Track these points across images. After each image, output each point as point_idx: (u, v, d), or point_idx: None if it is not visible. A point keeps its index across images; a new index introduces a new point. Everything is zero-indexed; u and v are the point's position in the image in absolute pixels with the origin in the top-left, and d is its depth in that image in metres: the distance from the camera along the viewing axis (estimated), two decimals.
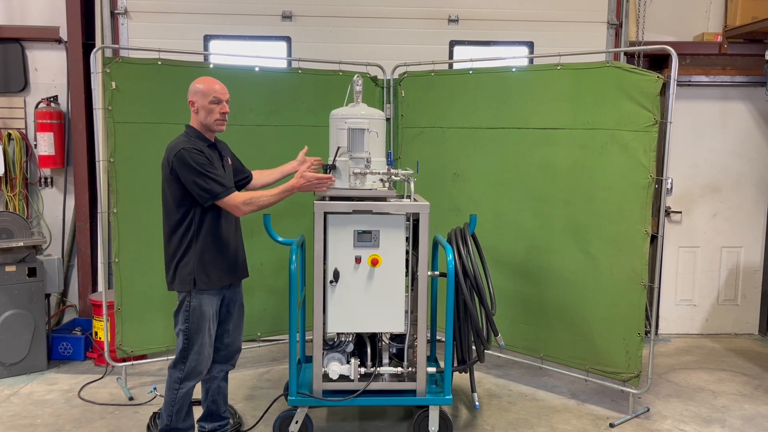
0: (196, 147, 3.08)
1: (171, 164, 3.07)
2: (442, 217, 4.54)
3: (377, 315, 3.45)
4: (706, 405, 4.24)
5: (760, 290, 5.77)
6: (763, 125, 5.61)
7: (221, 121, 3.19)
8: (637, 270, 3.90)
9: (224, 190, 3.07)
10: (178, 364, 3.20)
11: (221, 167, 3.22)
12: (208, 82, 3.18)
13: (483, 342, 3.59)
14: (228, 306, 3.36)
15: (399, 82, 4.85)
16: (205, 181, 3.03)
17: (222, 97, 3.17)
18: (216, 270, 3.19)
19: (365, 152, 3.46)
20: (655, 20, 5.52)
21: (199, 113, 3.16)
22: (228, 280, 3.27)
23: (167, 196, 3.17)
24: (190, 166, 3.02)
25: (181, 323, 3.18)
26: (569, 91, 4.12)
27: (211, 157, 3.14)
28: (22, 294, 4.61)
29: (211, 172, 3.05)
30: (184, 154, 3.03)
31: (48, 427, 3.78)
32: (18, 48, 5.26)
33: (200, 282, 3.14)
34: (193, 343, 3.16)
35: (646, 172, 3.81)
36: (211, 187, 3.04)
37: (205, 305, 3.17)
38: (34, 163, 5.33)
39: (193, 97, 3.16)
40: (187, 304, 3.15)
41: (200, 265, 3.14)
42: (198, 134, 3.19)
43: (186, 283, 3.14)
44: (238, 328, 3.46)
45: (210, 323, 3.20)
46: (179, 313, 3.19)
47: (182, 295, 3.18)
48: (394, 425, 3.86)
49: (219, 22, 5.27)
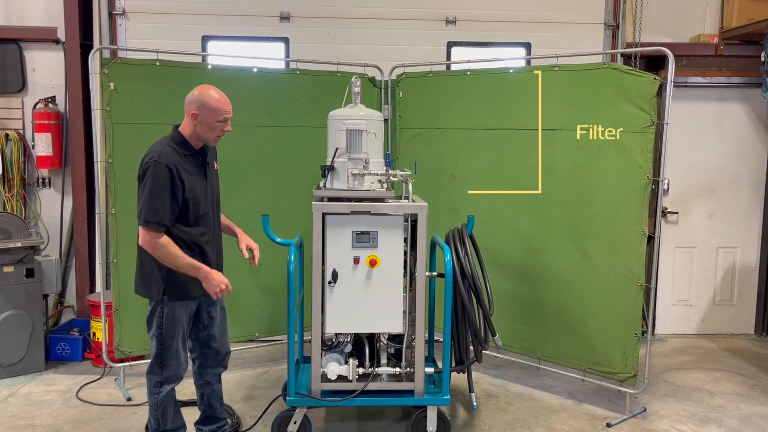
0: (171, 163, 2.94)
1: (140, 168, 2.99)
2: (440, 217, 4.55)
3: (375, 315, 3.46)
4: (702, 405, 4.26)
5: (756, 290, 5.79)
6: (760, 126, 5.64)
7: (220, 138, 3.12)
8: (633, 270, 3.92)
9: (154, 224, 2.91)
10: (154, 369, 3.13)
11: (201, 176, 3.10)
12: (221, 100, 3.04)
13: (481, 342, 3.60)
14: (209, 311, 3.29)
15: (397, 83, 4.86)
16: (150, 202, 2.90)
17: (229, 116, 3.08)
18: (187, 281, 3.05)
19: (363, 153, 3.47)
20: (652, 22, 5.54)
21: (200, 126, 3.04)
22: (200, 290, 3.10)
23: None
24: (150, 181, 2.91)
25: (154, 329, 3.09)
26: (566, 93, 4.13)
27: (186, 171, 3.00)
28: (20, 295, 4.60)
29: (162, 199, 2.91)
30: (152, 167, 2.92)
31: (46, 428, 3.78)
32: (16, 48, 5.26)
33: (170, 294, 3.05)
34: (168, 347, 3.09)
35: (643, 173, 3.83)
36: (149, 212, 2.90)
37: (178, 311, 3.08)
38: (31, 163, 5.33)
39: (198, 109, 3.02)
40: (160, 311, 3.07)
41: (169, 277, 3.03)
42: (183, 141, 3.07)
43: (155, 292, 3.05)
44: (224, 331, 3.40)
45: (184, 327, 3.14)
46: (152, 320, 3.10)
47: (154, 302, 3.10)
48: (392, 425, 3.86)
49: (217, 22, 5.27)
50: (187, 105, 3.06)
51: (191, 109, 3.04)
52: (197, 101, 3.03)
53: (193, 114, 3.03)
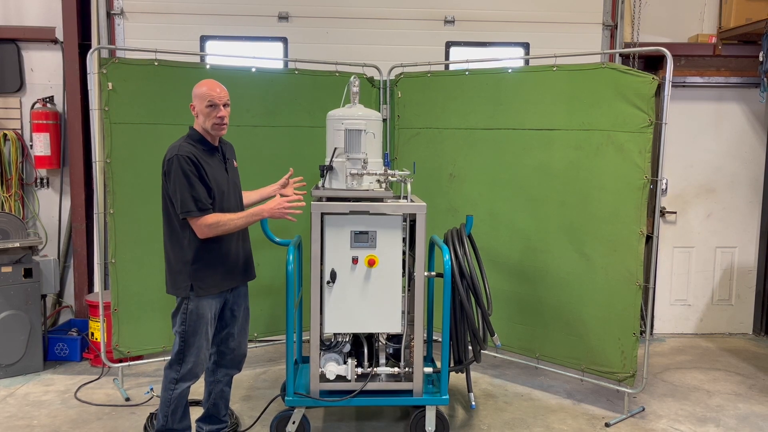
0: (192, 154, 3.03)
1: (164, 167, 3.06)
2: (439, 217, 4.55)
3: (374, 315, 3.46)
4: (700, 404, 4.26)
5: (754, 290, 5.80)
6: (758, 126, 5.64)
7: (219, 125, 3.14)
8: (632, 270, 3.92)
9: (196, 211, 3.00)
10: (173, 365, 3.18)
11: (223, 170, 3.19)
12: (208, 85, 3.13)
13: (479, 342, 3.60)
14: (232, 309, 3.34)
15: (395, 83, 4.86)
16: (184, 194, 2.99)
17: (218, 101, 3.10)
18: (213, 275, 3.14)
19: (362, 153, 3.47)
20: (650, 22, 5.55)
21: (199, 117, 3.14)
22: (227, 284, 3.23)
23: (165, 198, 3.13)
24: (176, 174, 2.99)
25: (178, 325, 3.16)
26: (565, 92, 4.14)
27: (207, 164, 3.08)
28: (18, 295, 4.60)
29: (193, 187, 3.00)
30: (175, 160, 3.01)
31: (44, 428, 3.77)
32: (14, 48, 5.25)
33: (197, 288, 3.11)
34: (189, 345, 3.15)
35: (641, 172, 3.83)
36: (187, 203, 2.99)
37: (202, 308, 3.14)
38: (30, 163, 5.32)
39: (193, 100, 3.14)
40: (185, 307, 3.13)
41: (196, 272, 3.10)
42: (199, 137, 3.16)
43: (183, 288, 3.12)
44: (244, 332, 3.44)
45: (208, 326, 3.18)
46: (177, 315, 3.17)
47: (180, 298, 3.16)
48: (391, 425, 3.86)
49: (215, 22, 5.27)
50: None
51: (191, 104, 3.17)
52: (193, 94, 3.16)
53: (191, 106, 3.17)
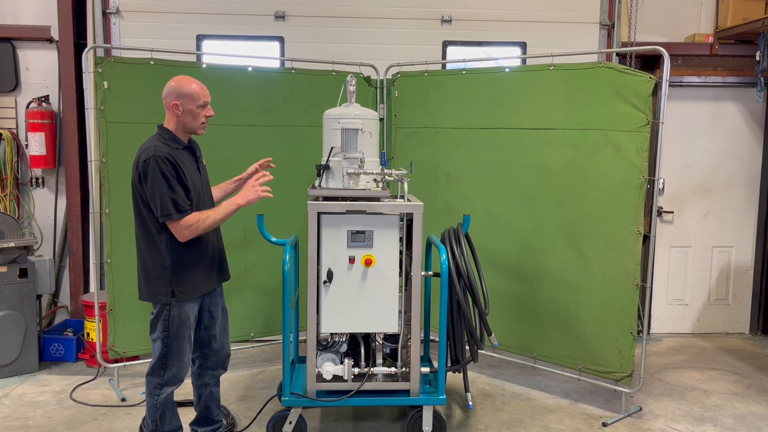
0: (169, 155, 2.93)
1: (139, 169, 2.94)
2: (436, 217, 4.55)
3: (371, 315, 3.45)
4: (697, 404, 4.27)
5: (750, 290, 5.81)
6: (754, 126, 5.65)
7: (206, 124, 3.10)
8: (629, 270, 3.92)
9: (176, 214, 2.91)
10: (156, 371, 3.09)
11: (196, 170, 3.12)
12: (197, 86, 3.04)
13: (476, 342, 3.59)
14: (210, 311, 3.28)
15: (392, 83, 4.85)
16: (163, 197, 2.88)
17: (209, 100, 3.07)
18: (194, 278, 3.07)
19: (359, 152, 3.46)
20: (647, 21, 5.56)
21: (184, 116, 3.02)
22: (207, 287, 3.16)
23: (138, 202, 3.01)
24: (154, 176, 2.88)
25: (159, 332, 3.06)
26: (562, 92, 4.13)
27: (183, 164, 2.99)
28: (14, 295, 4.58)
29: (173, 189, 2.90)
30: (152, 162, 2.88)
31: (40, 429, 3.75)
32: (9, 47, 5.23)
33: (179, 294, 3.01)
34: (172, 350, 3.06)
35: (638, 172, 3.83)
36: (167, 206, 2.89)
37: (184, 313, 3.06)
38: (25, 163, 5.30)
39: (178, 99, 3.00)
40: (166, 314, 3.03)
41: (177, 277, 3.01)
42: (173, 137, 3.04)
43: (163, 295, 3.02)
44: (225, 332, 3.40)
45: (191, 330, 3.12)
46: (157, 322, 3.05)
47: (160, 305, 3.06)
48: (388, 425, 3.86)
49: (211, 21, 5.25)
50: (165, 98, 3.05)
51: (170, 101, 3.02)
52: (175, 92, 3.02)
53: (174, 105, 3.02)
